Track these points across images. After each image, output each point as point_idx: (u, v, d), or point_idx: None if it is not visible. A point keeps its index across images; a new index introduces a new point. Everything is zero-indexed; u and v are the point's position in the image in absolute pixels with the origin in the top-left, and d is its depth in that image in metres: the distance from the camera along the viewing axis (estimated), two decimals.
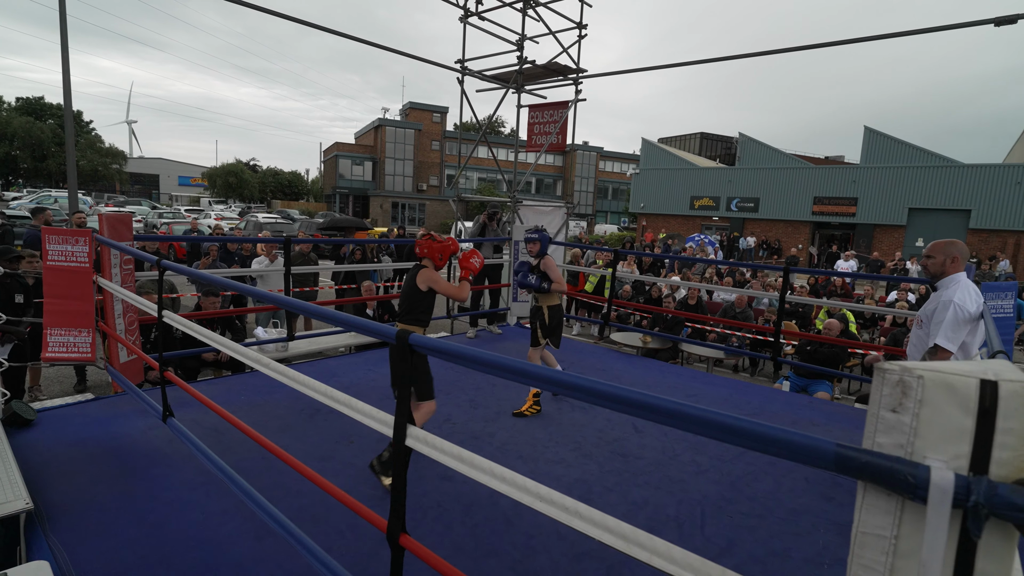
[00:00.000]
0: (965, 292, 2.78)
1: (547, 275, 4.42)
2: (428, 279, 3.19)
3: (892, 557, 0.79)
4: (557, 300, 4.50)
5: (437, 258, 3.29)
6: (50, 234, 3.65)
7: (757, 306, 8.46)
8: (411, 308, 3.23)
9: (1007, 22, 4.75)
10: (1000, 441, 0.71)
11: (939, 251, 2.93)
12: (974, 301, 2.76)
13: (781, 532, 2.79)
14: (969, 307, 2.72)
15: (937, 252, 2.93)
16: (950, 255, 2.90)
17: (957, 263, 2.90)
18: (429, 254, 3.29)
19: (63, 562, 2.22)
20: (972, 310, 2.72)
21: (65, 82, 10.82)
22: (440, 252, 3.30)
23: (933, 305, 2.87)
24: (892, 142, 24.95)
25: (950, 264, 2.90)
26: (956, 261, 2.90)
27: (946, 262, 2.91)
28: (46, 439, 3.30)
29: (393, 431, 1.60)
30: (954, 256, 2.90)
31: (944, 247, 2.92)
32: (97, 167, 42.63)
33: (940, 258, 2.92)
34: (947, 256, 2.91)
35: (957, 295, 2.75)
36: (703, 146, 43.35)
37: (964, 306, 2.72)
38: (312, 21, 6.02)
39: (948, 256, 2.90)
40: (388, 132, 41.63)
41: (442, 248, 3.30)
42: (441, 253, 3.30)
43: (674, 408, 1.03)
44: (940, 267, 2.92)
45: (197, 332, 2.60)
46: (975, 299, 2.77)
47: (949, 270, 2.90)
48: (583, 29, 7.88)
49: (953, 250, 2.90)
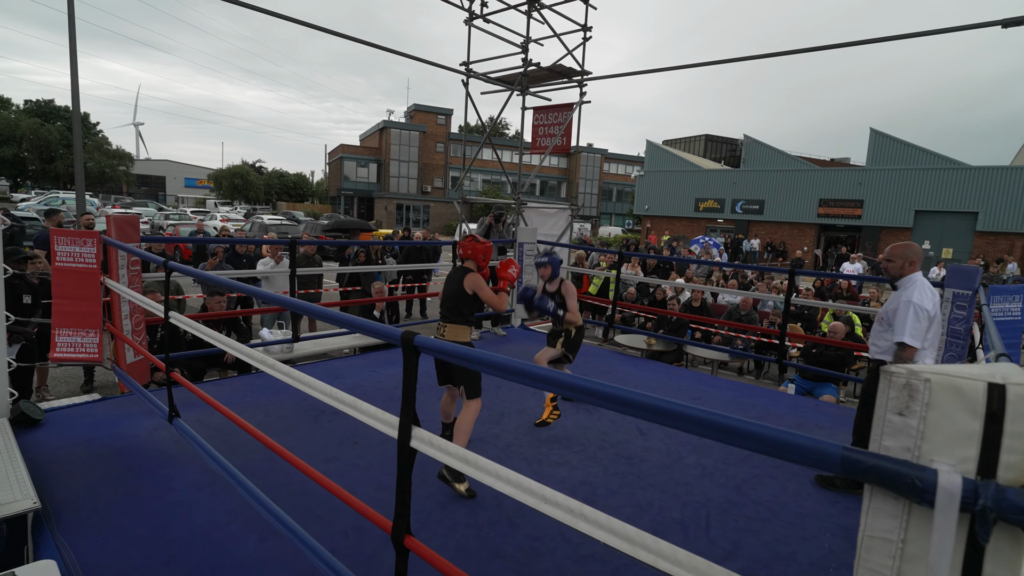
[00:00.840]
0: (922, 292, 3.02)
1: (565, 302, 4.11)
2: (474, 284, 3.24)
3: (899, 561, 0.78)
4: (581, 320, 4.22)
5: (481, 259, 3.35)
6: (58, 235, 3.68)
7: (762, 308, 8.43)
8: (460, 309, 3.28)
9: (1015, 23, 4.72)
10: (1008, 445, 0.71)
11: (898, 255, 3.17)
12: (931, 300, 2.99)
13: (787, 536, 2.77)
14: (927, 305, 2.96)
15: (896, 256, 3.17)
16: (908, 258, 3.13)
17: (915, 265, 3.14)
18: (473, 255, 3.34)
19: (70, 561, 2.23)
20: (929, 308, 2.96)
21: (73, 84, 10.92)
22: (484, 253, 3.36)
23: (894, 305, 3.09)
24: (898, 144, 24.84)
25: (908, 267, 3.13)
26: (914, 264, 3.13)
27: (904, 265, 3.14)
28: (53, 439, 3.33)
29: (398, 433, 1.60)
30: (912, 259, 3.13)
31: (903, 251, 3.15)
32: (104, 169, 42.94)
33: (899, 262, 3.16)
34: (905, 260, 3.14)
35: (916, 295, 2.98)
36: (708, 148, 43.26)
37: (922, 305, 2.96)
38: (318, 24, 6.06)
39: (906, 260, 3.14)
40: (393, 134, 41.77)
41: (485, 250, 3.37)
42: (485, 255, 3.37)
43: (679, 410, 1.03)
44: (900, 270, 3.15)
45: (202, 333, 2.62)
46: (932, 298, 3.00)
47: (907, 271, 3.14)
48: (588, 31, 7.89)
49: (911, 253, 3.13)
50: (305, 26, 5.97)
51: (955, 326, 4.26)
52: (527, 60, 7.76)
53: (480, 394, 3.16)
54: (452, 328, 3.29)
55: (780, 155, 28.63)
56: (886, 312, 3.18)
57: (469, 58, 7.77)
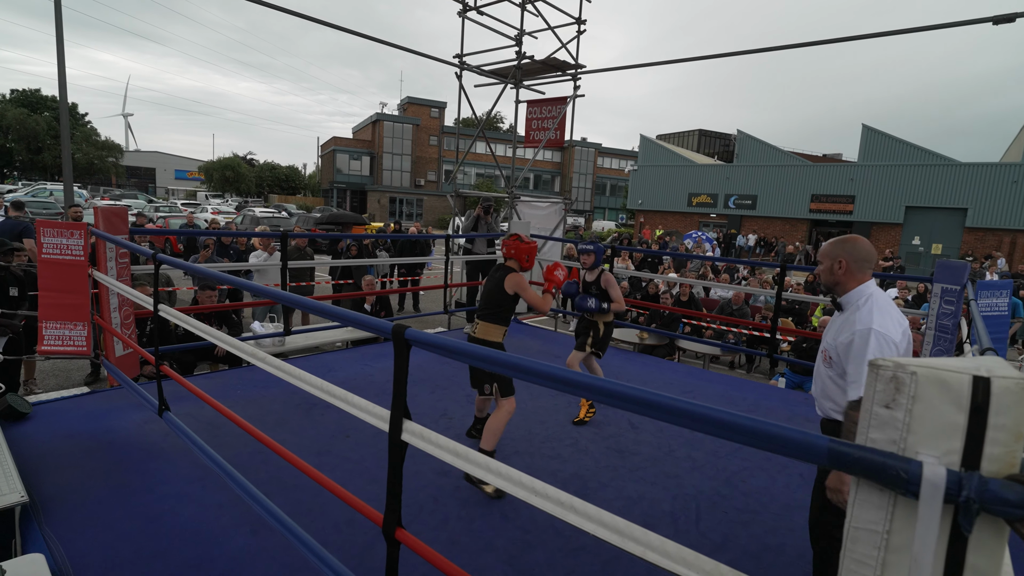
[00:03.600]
0: (884, 313, 1.95)
1: (607, 293, 4.01)
2: (516, 284, 3.21)
3: (884, 552, 0.79)
4: (624, 307, 4.12)
5: (524, 259, 3.31)
6: (45, 227, 3.63)
7: (754, 303, 8.48)
8: (497, 309, 3.25)
9: (1005, 20, 4.75)
10: (992, 437, 0.72)
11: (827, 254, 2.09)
12: (897, 324, 1.95)
13: (775, 527, 2.81)
14: (893, 335, 1.90)
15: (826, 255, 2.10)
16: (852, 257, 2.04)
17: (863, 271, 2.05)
18: (516, 255, 3.30)
19: (58, 555, 2.22)
20: (897, 339, 1.91)
21: (60, 73, 10.75)
22: (527, 254, 3.32)
23: (846, 336, 1.97)
24: (890, 140, 24.99)
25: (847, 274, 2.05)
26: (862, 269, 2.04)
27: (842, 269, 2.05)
28: (41, 432, 3.30)
29: (389, 426, 1.60)
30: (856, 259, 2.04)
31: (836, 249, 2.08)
32: (93, 160, 42.37)
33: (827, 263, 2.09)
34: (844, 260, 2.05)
35: (875, 320, 1.91)
36: (701, 143, 43.35)
37: (886, 334, 1.89)
38: (314, 16, 6.00)
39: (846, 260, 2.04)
40: (386, 127, 41.49)
41: (529, 250, 3.33)
42: (528, 255, 3.33)
43: (670, 404, 1.04)
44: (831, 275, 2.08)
45: (192, 326, 2.60)
46: (899, 321, 1.97)
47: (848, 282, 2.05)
48: (582, 25, 7.85)
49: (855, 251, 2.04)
50: (300, 17, 5.91)
51: (943, 321, 4.31)
52: (521, 53, 7.73)
53: (513, 393, 3.15)
54: (484, 326, 3.27)
55: (773, 150, 28.73)
56: (833, 347, 2.03)
57: (463, 50, 7.72)
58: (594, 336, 4.09)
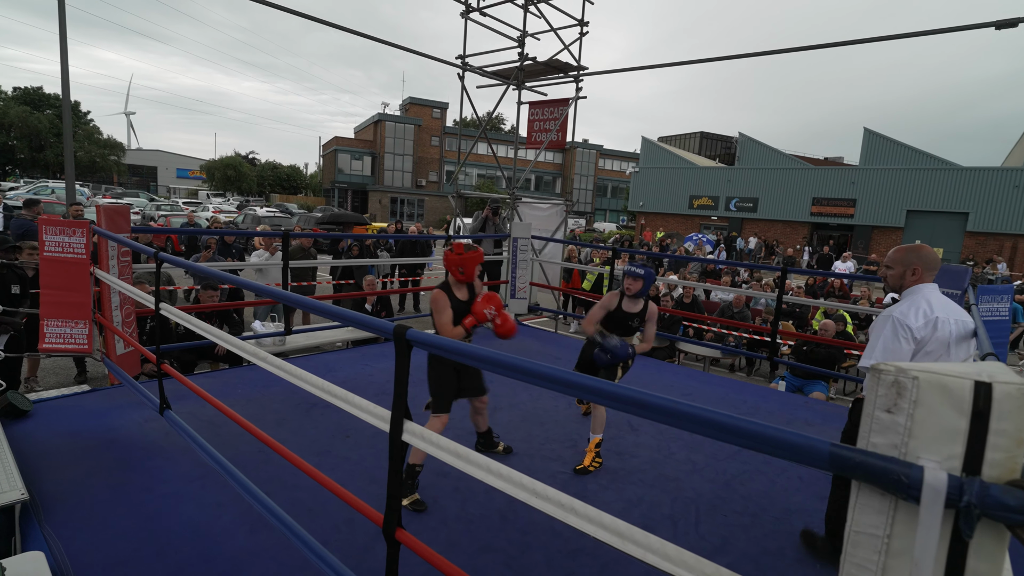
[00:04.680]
0: (914, 305, 2.29)
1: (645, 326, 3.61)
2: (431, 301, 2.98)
3: (885, 556, 0.79)
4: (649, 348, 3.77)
5: (456, 271, 3.02)
6: (48, 225, 3.64)
7: (755, 306, 8.48)
8: None
9: (1008, 25, 4.75)
10: (993, 442, 0.72)
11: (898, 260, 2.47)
12: (922, 316, 2.24)
13: (775, 531, 2.80)
14: (911, 322, 2.22)
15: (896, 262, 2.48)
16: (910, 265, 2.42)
17: (918, 274, 2.40)
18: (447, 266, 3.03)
19: (58, 553, 2.22)
20: (915, 325, 2.21)
21: (63, 70, 10.77)
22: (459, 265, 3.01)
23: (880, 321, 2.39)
24: (891, 144, 24.99)
25: (911, 275, 2.42)
26: (917, 272, 2.40)
27: (906, 273, 2.42)
28: (42, 430, 3.30)
29: (389, 426, 1.60)
30: (915, 266, 2.40)
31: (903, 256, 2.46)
32: (95, 158, 42.44)
33: (899, 269, 2.45)
34: (907, 266, 2.42)
35: (899, 309, 2.30)
36: (703, 145, 43.36)
37: (904, 321, 2.23)
38: (318, 16, 6.01)
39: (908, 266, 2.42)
40: (388, 127, 41.53)
41: (461, 261, 3.00)
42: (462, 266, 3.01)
43: (669, 406, 1.04)
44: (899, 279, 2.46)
45: (193, 324, 2.60)
46: (927, 314, 2.24)
47: (909, 282, 2.42)
48: (584, 26, 7.86)
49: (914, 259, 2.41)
50: (304, 18, 5.91)
51: None
52: (523, 54, 7.73)
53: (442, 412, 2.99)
54: None
55: (774, 153, 28.73)
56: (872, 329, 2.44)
57: (465, 51, 7.73)
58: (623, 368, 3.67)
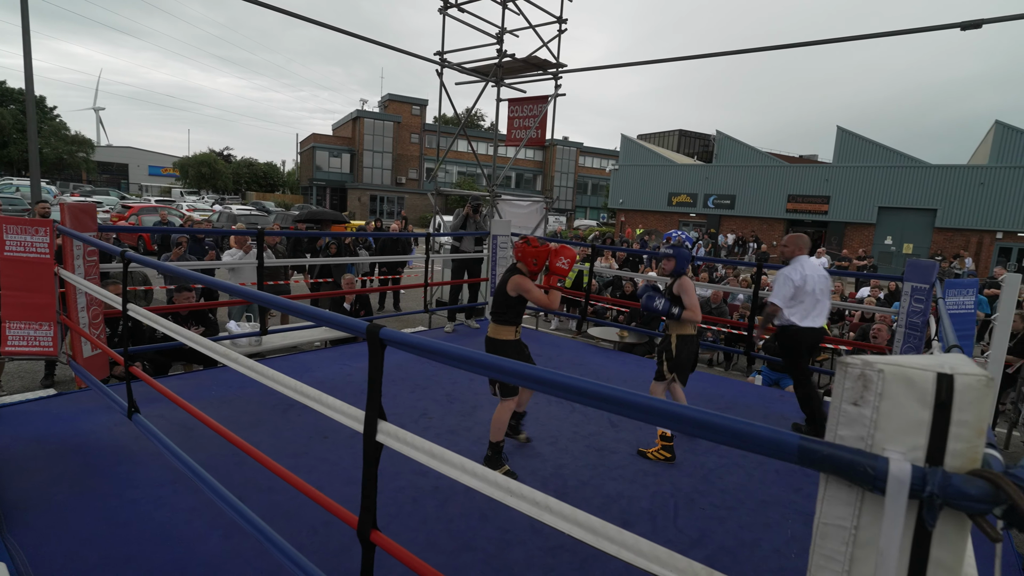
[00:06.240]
0: (795, 267, 4.04)
1: (680, 299, 3.62)
2: (517, 286, 3.24)
3: (852, 547, 0.80)
4: (691, 330, 3.68)
5: (531, 263, 3.32)
6: (8, 224, 3.51)
7: (732, 301, 8.60)
8: (505, 309, 3.32)
9: (972, 27, 4.88)
10: (955, 433, 0.73)
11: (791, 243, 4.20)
12: (799, 273, 3.99)
13: (751, 523, 2.85)
14: (793, 276, 3.98)
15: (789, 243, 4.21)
16: (797, 245, 4.15)
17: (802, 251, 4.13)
18: (523, 259, 3.33)
19: (21, 563, 2.14)
20: (795, 278, 3.97)
21: (27, 64, 10.41)
22: (535, 258, 3.32)
23: None
24: (863, 142, 25.55)
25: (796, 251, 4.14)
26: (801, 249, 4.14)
27: (794, 250, 4.15)
28: (5, 436, 3.19)
29: (363, 427, 1.58)
30: (800, 246, 4.15)
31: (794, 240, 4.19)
32: (62, 155, 41.17)
33: (791, 247, 4.18)
34: (795, 246, 4.16)
35: (786, 269, 4.07)
36: (681, 143, 43.79)
37: (789, 275, 3.99)
38: (296, 12, 5.90)
39: (796, 246, 4.15)
40: (367, 124, 41.07)
41: (537, 254, 3.32)
42: (536, 259, 3.32)
43: (646, 403, 1.04)
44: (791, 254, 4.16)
45: (162, 326, 2.53)
46: (802, 272, 4.00)
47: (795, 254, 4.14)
48: (563, 24, 7.86)
49: (800, 242, 4.17)
50: (283, 13, 5.80)
51: (913, 319, 4.41)
52: (502, 51, 7.71)
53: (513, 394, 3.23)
54: (494, 327, 3.38)
55: (751, 151, 29.16)
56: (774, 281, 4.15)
57: (444, 48, 7.68)
58: (668, 358, 3.66)
